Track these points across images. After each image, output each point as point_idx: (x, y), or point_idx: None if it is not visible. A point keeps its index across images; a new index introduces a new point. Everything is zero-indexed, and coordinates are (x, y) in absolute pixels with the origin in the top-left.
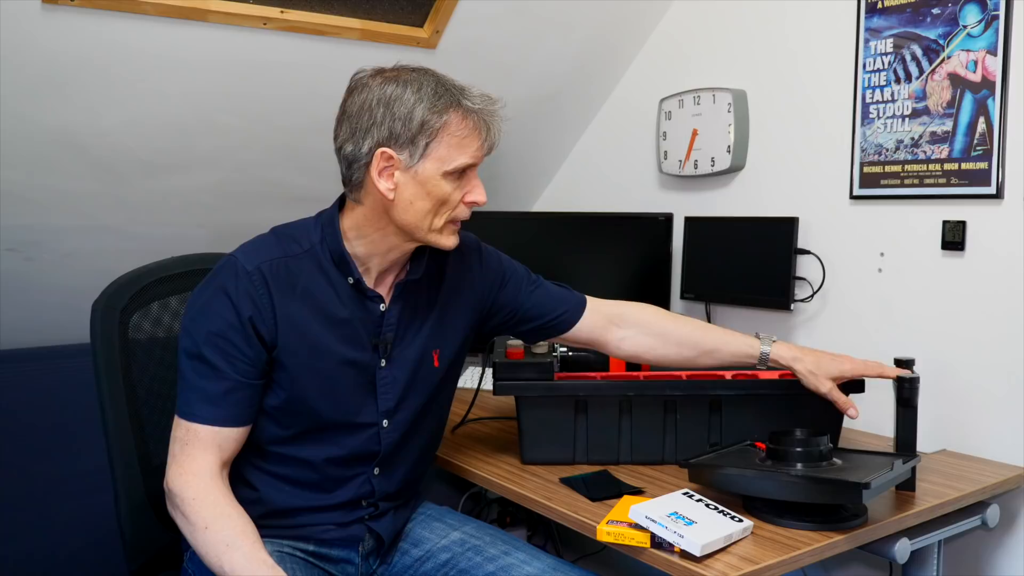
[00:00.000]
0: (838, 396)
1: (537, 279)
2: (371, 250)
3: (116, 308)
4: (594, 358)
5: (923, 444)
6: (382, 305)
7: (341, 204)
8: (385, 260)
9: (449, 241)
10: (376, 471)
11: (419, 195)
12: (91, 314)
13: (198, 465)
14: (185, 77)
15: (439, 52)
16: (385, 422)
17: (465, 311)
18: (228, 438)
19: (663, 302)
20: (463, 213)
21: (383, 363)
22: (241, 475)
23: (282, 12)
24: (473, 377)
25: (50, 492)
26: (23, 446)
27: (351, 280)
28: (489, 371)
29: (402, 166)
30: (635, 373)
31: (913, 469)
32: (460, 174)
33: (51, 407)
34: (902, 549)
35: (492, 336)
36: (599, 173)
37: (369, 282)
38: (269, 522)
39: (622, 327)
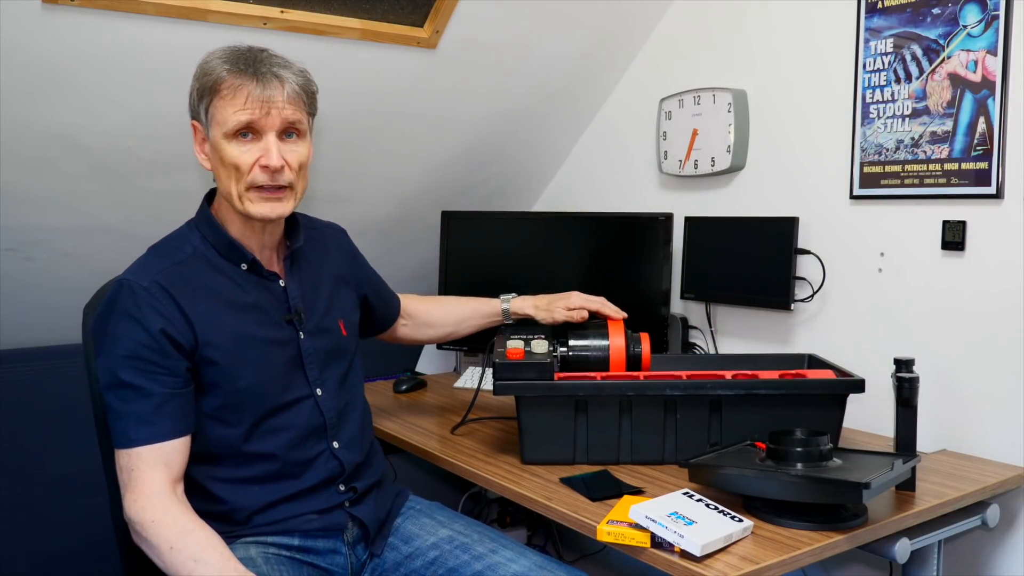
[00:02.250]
0: (568, 314)
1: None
2: (241, 232)
3: None
4: (594, 358)
5: (923, 444)
6: (281, 282)
7: (210, 200)
8: (254, 239)
9: (256, 209)
10: (335, 444)
11: (217, 162)
12: (83, 316)
13: (150, 488)
14: (185, 77)
15: (439, 52)
16: (318, 391)
17: (348, 285)
18: (172, 452)
19: (663, 302)
20: (258, 178)
21: (301, 335)
22: (204, 490)
23: (282, 12)
24: (473, 377)
25: (49, 492)
26: (22, 446)
27: (244, 266)
28: (489, 371)
29: (203, 135)
30: (635, 373)
31: (913, 469)
32: (248, 136)
33: (51, 407)
34: (902, 549)
35: (363, 321)
36: (599, 173)
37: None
38: (250, 523)
39: (404, 317)
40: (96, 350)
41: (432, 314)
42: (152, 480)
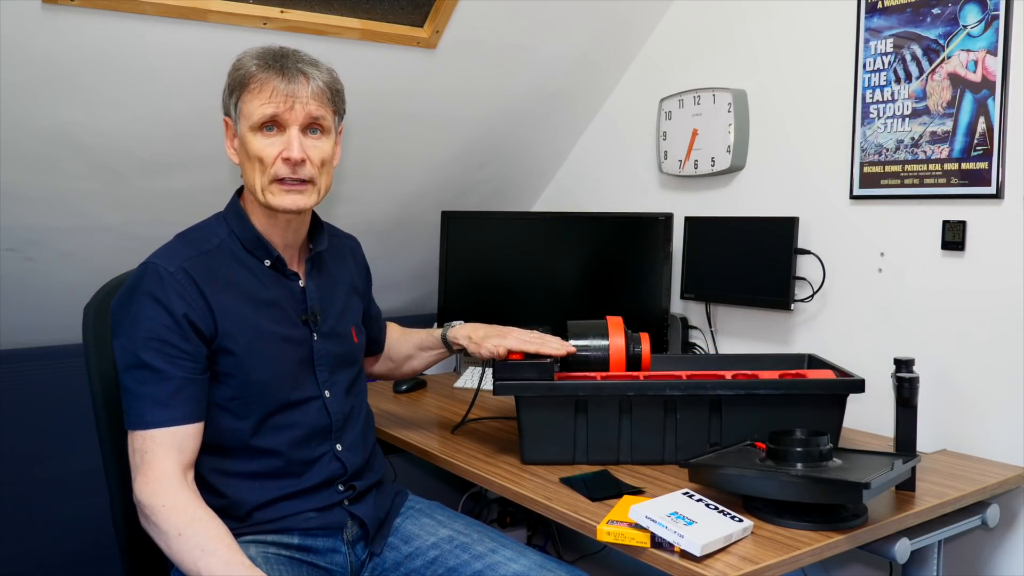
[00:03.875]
0: (492, 351)
1: None
2: (265, 228)
3: (108, 310)
4: (594, 358)
5: (923, 444)
6: (300, 282)
7: (240, 193)
8: (278, 236)
9: (278, 200)
10: (339, 447)
11: (244, 155)
12: (83, 316)
13: (162, 471)
14: (185, 77)
15: (439, 52)
16: (327, 392)
17: (359, 295)
18: (186, 437)
19: (663, 302)
20: (281, 170)
21: (315, 337)
22: (208, 484)
23: (282, 12)
24: (473, 377)
25: (49, 492)
26: (22, 446)
27: (267, 263)
28: (489, 371)
29: (233, 130)
30: (635, 373)
31: (913, 469)
32: (273, 130)
33: (51, 407)
34: (902, 549)
35: None
36: (599, 173)
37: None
38: (250, 520)
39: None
40: (115, 331)
41: (390, 345)
42: (164, 464)
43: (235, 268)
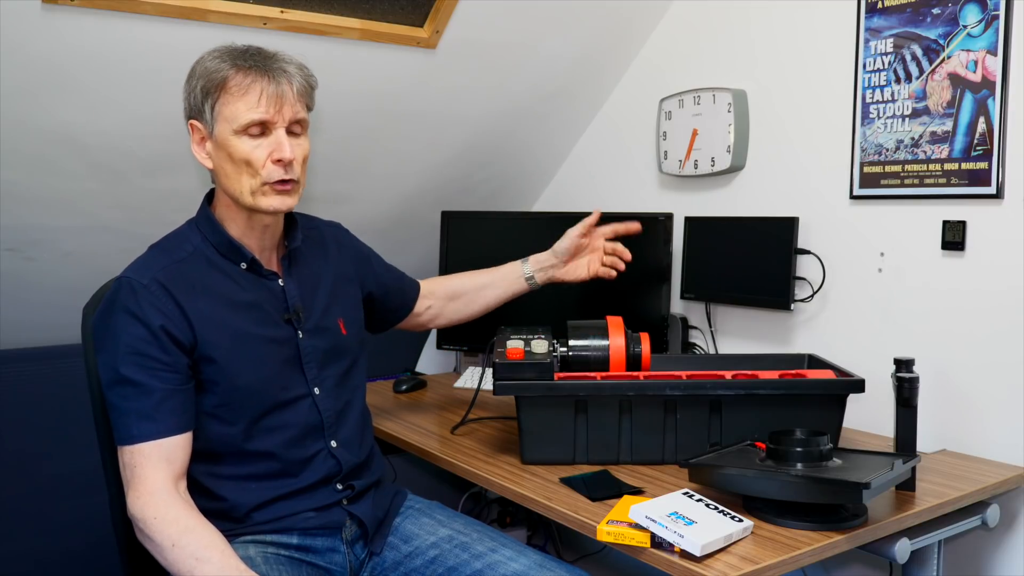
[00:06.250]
0: (573, 247)
1: (380, 259)
2: (242, 231)
3: None
4: (594, 358)
5: (923, 444)
6: (280, 281)
7: (209, 200)
8: (255, 238)
9: (268, 202)
10: (333, 443)
11: (225, 159)
12: (83, 316)
13: (153, 484)
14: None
15: (439, 52)
16: (316, 389)
17: (351, 282)
18: (174, 448)
19: (663, 302)
20: (273, 173)
21: (300, 334)
22: (204, 488)
23: (282, 12)
24: (473, 377)
25: (49, 492)
26: (22, 446)
27: (244, 265)
28: (489, 371)
29: (206, 134)
30: (635, 373)
31: (913, 469)
32: (260, 132)
33: (51, 407)
34: (902, 549)
35: (372, 315)
36: (599, 173)
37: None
38: (249, 520)
39: (427, 298)
40: (97, 347)
41: (454, 285)
42: (154, 477)
43: (211, 274)
